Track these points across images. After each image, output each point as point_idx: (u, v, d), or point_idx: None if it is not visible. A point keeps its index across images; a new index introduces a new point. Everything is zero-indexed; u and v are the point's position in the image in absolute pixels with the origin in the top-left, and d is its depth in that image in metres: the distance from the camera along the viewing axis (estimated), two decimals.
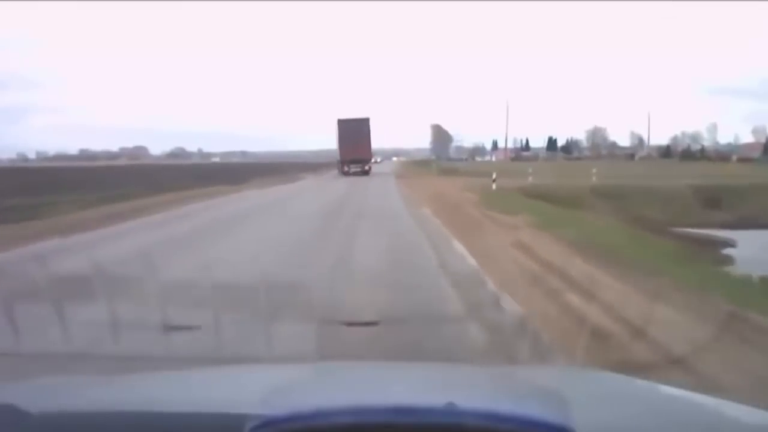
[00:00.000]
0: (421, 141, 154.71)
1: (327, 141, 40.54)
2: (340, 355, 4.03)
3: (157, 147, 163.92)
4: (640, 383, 1.85)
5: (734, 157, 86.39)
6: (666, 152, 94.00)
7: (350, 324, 4.68)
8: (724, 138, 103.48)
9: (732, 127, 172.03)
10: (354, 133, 36.07)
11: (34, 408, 1.21)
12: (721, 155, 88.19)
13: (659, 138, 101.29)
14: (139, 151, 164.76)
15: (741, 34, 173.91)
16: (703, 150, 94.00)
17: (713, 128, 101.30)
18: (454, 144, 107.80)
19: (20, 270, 7.03)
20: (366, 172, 36.48)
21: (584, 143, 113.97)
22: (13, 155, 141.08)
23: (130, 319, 4.25)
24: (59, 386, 1.67)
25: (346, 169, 36.22)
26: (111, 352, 3.94)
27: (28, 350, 3.89)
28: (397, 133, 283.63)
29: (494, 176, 22.60)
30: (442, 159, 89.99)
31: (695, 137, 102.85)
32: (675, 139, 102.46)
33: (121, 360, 3.80)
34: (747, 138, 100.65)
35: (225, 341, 3.83)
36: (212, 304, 4.30)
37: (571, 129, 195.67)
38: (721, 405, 1.52)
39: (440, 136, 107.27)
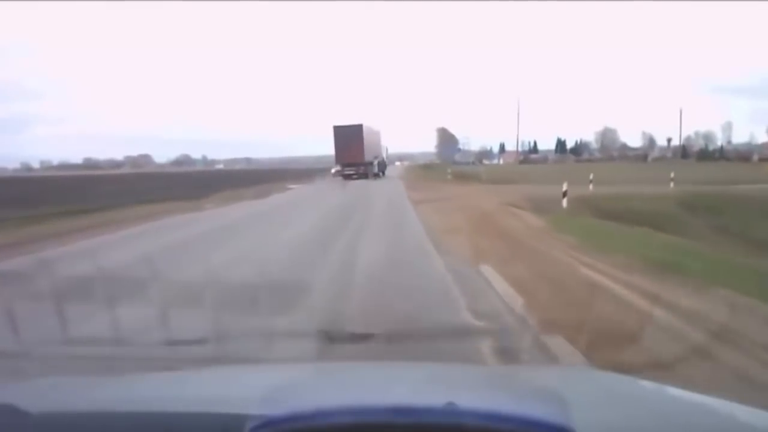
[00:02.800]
0: (425, 145, 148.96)
1: (330, 146, 39.21)
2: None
3: (163, 155, 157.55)
4: (641, 383, 1.76)
5: (755, 157, 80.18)
6: (683, 152, 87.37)
7: None
8: (734, 137, 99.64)
9: (736, 126, 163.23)
10: (348, 139, 37.47)
11: (34, 408, 1.18)
12: (741, 155, 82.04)
13: (671, 138, 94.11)
14: (144, 159, 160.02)
15: (741, 32, 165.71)
16: (722, 150, 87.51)
17: (728, 127, 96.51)
18: (460, 147, 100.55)
19: None
20: (364, 175, 36.92)
21: (593, 144, 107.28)
22: (17, 165, 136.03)
23: None
24: (59, 386, 1.64)
25: (339, 170, 37.94)
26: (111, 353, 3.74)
27: (28, 350, 3.70)
28: (401, 138, 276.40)
29: (565, 188, 15.09)
30: (448, 162, 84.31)
31: (708, 136, 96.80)
32: (688, 138, 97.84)
33: (121, 360, 3.63)
34: (761, 137, 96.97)
35: None
36: None
37: (579, 130, 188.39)
38: (722, 405, 1.44)
39: (446, 139, 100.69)
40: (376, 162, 40.28)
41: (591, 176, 22.21)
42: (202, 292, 5.27)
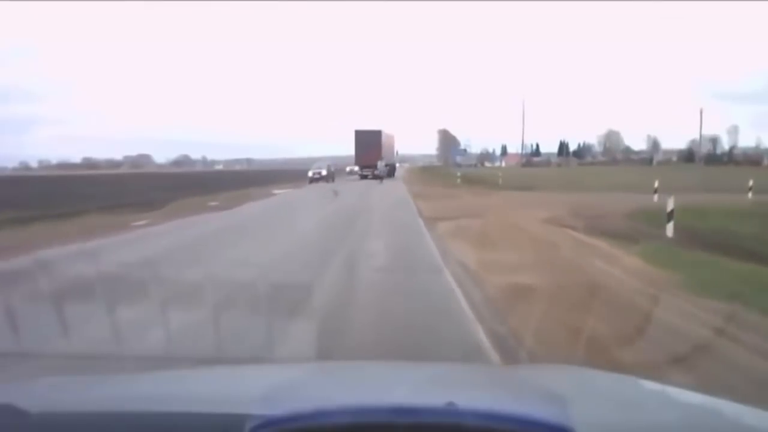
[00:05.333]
0: (425, 147, 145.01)
1: (332, 148, 38.76)
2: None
3: (162, 155, 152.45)
4: (641, 383, 1.72)
5: (766, 161, 76.57)
6: (689, 156, 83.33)
7: None
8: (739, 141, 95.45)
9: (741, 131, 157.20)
10: (367, 143, 40.17)
11: (34, 408, 1.16)
12: (750, 159, 78.47)
13: (673, 142, 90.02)
14: (143, 159, 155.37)
15: (746, 37, 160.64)
16: (731, 154, 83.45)
17: (734, 130, 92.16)
18: (462, 149, 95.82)
19: None
20: (378, 177, 37.37)
21: (596, 147, 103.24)
22: (16, 164, 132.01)
23: None
24: (59, 386, 1.60)
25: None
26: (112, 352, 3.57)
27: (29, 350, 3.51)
28: (401, 139, 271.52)
29: (671, 206, 10.06)
30: (450, 165, 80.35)
31: (713, 140, 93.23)
32: (694, 142, 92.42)
33: (122, 360, 3.46)
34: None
35: None
36: None
37: (581, 133, 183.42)
38: (721, 405, 1.42)
39: (447, 141, 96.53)
40: (384, 164, 40.95)
41: (656, 183, 17.08)
42: None
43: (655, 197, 17.06)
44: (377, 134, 41.71)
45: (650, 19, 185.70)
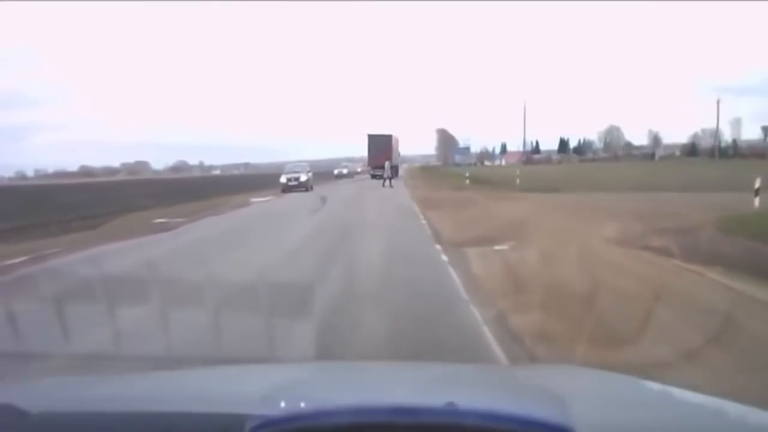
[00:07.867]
0: (422, 147, 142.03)
1: (332, 148, 32.19)
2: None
3: (161, 161, 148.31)
4: (641, 383, 1.68)
5: None
6: (692, 150, 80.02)
7: None
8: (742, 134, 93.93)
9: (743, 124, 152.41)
10: (379, 147, 42.65)
11: (34, 408, 1.14)
12: (756, 152, 75.74)
13: (674, 136, 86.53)
14: (140, 166, 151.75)
15: (746, 32, 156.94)
16: (735, 147, 79.96)
17: (737, 123, 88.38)
18: (468, 146, 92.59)
19: None
20: (387, 178, 36.34)
21: (597, 144, 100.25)
22: (12, 174, 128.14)
23: None
24: (59, 386, 1.58)
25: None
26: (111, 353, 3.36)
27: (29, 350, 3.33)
28: (400, 140, 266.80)
29: None
30: (449, 164, 77.20)
31: (715, 134, 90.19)
32: (696, 136, 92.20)
33: (122, 360, 3.27)
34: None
35: None
36: None
37: (580, 129, 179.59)
38: (721, 405, 1.39)
39: (446, 140, 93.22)
40: (390, 166, 40.86)
41: (757, 183, 12.53)
42: None
43: (756, 201, 12.54)
44: (388, 138, 44.65)
45: (649, 14, 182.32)
